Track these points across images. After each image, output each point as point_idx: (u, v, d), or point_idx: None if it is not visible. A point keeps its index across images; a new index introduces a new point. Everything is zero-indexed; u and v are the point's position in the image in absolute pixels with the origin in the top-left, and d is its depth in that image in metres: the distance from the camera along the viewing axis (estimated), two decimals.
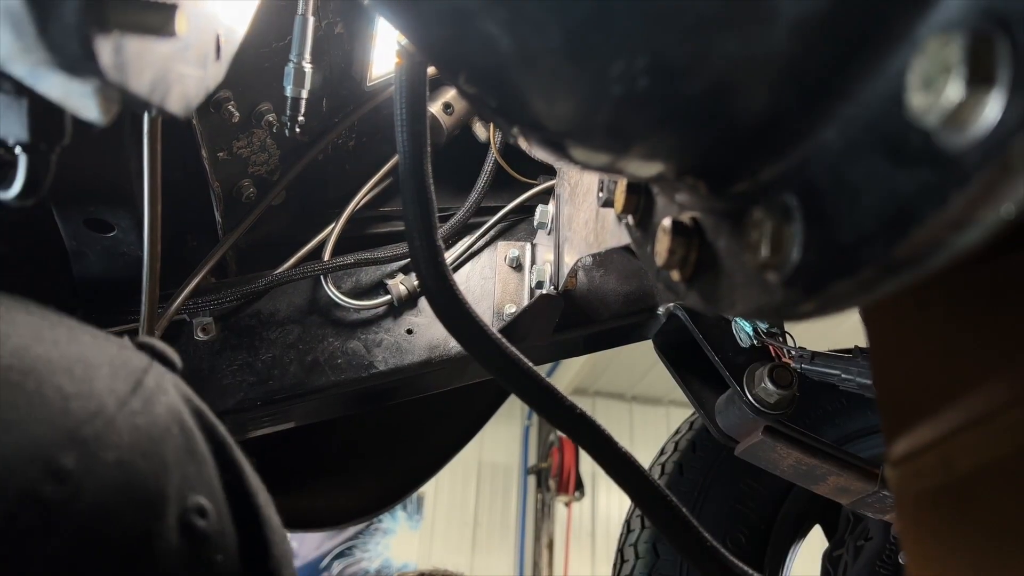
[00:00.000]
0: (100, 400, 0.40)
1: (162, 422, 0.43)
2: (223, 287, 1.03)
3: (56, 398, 0.39)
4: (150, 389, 0.44)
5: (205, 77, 0.45)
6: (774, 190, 0.35)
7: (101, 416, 0.40)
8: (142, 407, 0.42)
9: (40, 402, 0.38)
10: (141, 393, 0.43)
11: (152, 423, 0.42)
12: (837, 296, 0.31)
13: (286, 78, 0.92)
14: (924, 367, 0.35)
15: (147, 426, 0.42)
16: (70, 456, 0.37)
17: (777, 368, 0.93)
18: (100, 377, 0.42)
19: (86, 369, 0.42)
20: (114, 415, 0.40)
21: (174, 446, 0.43)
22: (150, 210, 0.72)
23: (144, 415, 0.42)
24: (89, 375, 0.41)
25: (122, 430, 0.40)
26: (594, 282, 1.11)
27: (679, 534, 0.67)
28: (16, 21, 0.29)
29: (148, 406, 0.43)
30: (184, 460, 0.43)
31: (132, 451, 0.40)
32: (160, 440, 0.42)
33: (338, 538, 5.50)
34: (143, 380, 0.44)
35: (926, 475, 0.34)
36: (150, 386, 0.44)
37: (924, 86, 0.25)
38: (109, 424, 0.40)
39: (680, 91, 0.31)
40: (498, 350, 0.66)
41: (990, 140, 0.23)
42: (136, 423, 0.41)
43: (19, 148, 0.44)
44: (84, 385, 0.40)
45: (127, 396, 0.42)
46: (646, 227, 0.54)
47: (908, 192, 0.27)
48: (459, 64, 0.39)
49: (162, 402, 0.44)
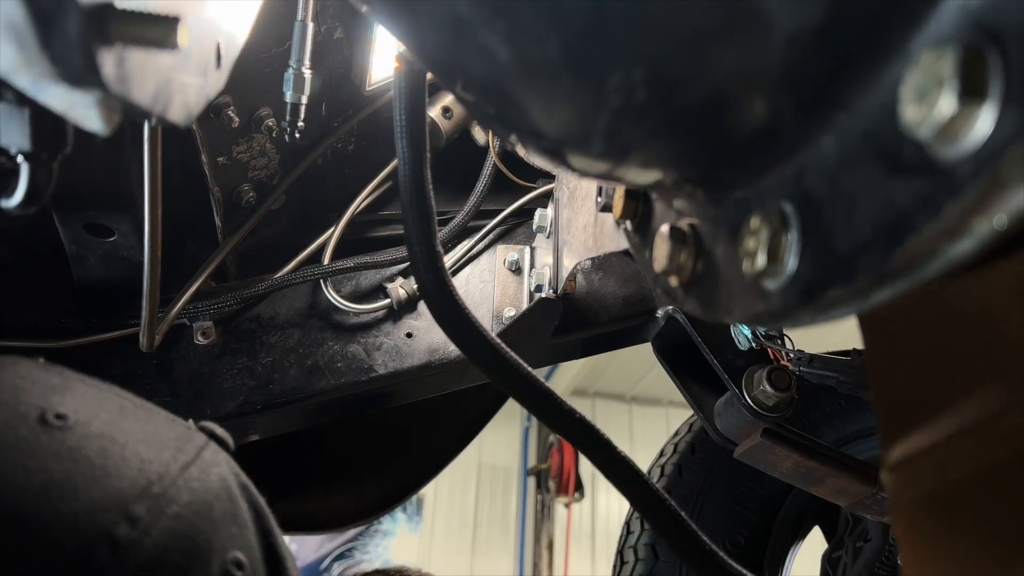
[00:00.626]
0: (167, 466, 0.51)
1: (214, 488, 0.53)
2: (223, 291, 1.04)
3: (135, 462, 0.50)
4: (207, 462, 0.55)
5: (206, 85, 0.46)
6: (771, 198, 0.35)
7: (168, 478, 0.50)
8: (199, 475, 0.53)
9: (123, 463, 0.50)
10: (199, 464, 0.54)
11: (206, 488, 0.52)
12: (833, 304, 0.32)
13: (286, 84, 0.92)
14: (919, 373, 0.36)
15: (202, 491, 0.52)
16: (142, 506, 0.48)
17: (775, 371, 0.94)
18: (168, 449, 0.53)
19: (158, 442, 0.53)
20: (176, 479, 0.51)
21: (221, 509, 0.53)
22: (150, 215, 0.72)
23: (200, 481, 0.53)
24: (160, 447, 0.53)
25: (182, 491, 0.51)
26: (593, 285, 1.11)
27: (678, 539, 0.67)
28: (19, 35, 0.30)
29: (204, 475, 0.53)
30: (229, 521, 0.53)
31: (189, 508, 0.50)
32: (211, 503, 0.52)
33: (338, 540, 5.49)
34: (202, 454, 0.55)
35: (921, 480, 0.34)
36: (207, 459, 0.55)
37: (918, 99, 0.25)
38: (173, 485, 0.50)
39: (677, 102, 0.31)
40: (497, 355, 0.66)
41: (983, 152, 0.24)
42: (193, 487, 0.52)
43: (21, 157, 0.45)
44: (155, 453, 0.52)
45: (188, 466, 0.53)
46: (644, 233, 0.54)
47: (903, 202, 0.27)
48: (456, 72, 0.39)
49: (215, 473, 0.55)
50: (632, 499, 0.69)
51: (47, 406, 0.51)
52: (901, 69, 0.26)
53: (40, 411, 0.50)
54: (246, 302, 1.05)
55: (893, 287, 0.29)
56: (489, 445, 6.16)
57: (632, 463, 0.69)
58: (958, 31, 0.24)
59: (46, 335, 0.97)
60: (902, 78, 0.26)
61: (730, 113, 0.32)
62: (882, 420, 0.37)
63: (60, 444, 0.49)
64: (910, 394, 0.36)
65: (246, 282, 1.06)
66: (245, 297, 1.03)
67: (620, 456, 0.68)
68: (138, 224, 0.87)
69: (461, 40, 0.36)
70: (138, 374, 1.00)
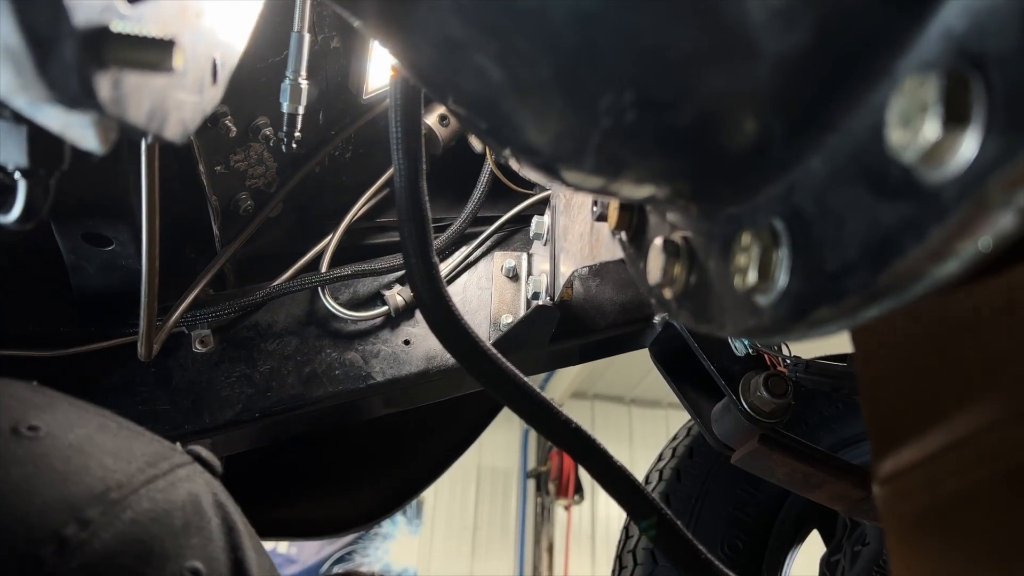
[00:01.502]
0: (132, 477, 0.54)
1: (178, 501, 0.55)
2: (221, 299, 1.04)
3: (97, 470, 0.53)
4: (178, 477, 0.57)
5: (202, 101, 0.46)
6: (762, 214, 0.36)
7: (128, 487, 0.53)
8: (164, 487, 0.55)
9: (84, 471, 0.52)
10: (169, 479, 0.56)
11: (169, 500, 0.55)
12: (822, 321, 0.32)
13: (282, 94, 0.92)
14: (909, 388, 0.36)
15: (164, 501, 0.54)
16: (95, 510, 0.50)
17: (772, 377, 0.94)
18: (136, 462, 0.56)
19: (128, 456, 0.56)
20: (138, 488, 0.53)
21: (184, 520, 0.55)
22: (148, 227, 0.72)
23: (164, 493, 0.55)
24: (129, 460, 0.55)
25: (143, 500, 0.53)
26: (590, 292, 1.12)
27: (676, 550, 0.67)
28: (16, 59, 0.30)
29: (171, 488, 0.56)
30: (191, 532, 0.55)
31: (146, 515, 0.52)
32: (172, 513, 0.54)
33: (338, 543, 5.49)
34: (175, 471, 0.58)
35: (912, 495, 0.35)
36: (179, 475, 0.58)
37: (903, 124, 0.25)
38: (134, 494, 0.53)
39: (668, 123, 0.31)
40: (494, 366, 0.66)
41: (967, 176, 0.24)
42: (155, 497, 0.54)
43: (18, 173, 0.45)
44: (122, 465, 0.54)
45: (155, 479, 0.55)
46: (639, 244, 0.54)
47: (890, 223, 0.27)
48: (448, 89, 0.39)
49: (184, 488, 0.57)
50: (630, 510, 0.69)
51: (22, 419, 0.53)
52: (887, 92, 0.26)
53: (15, 423, 0.53)
54: (244, 310, 1.05)
55: (881, 306, 0.29)
56: (489, 448, 6.16)
57: (629, 473, 0.69)
58: (942, 56, 0.25)
59: (44, 344, 0.97)
60: (888, 102, 0.26)
61: (720, 133, 0.32)
62: (873, 434, 0.38)
63: (27, 451, 0.51)
64: (900, 408, 0.36)
65: (244, 290, 1.07)
66: (243, 305, 1.04)
67: (617, 466, 0.68)
68: (136, 233, 0.88)
69: (454, 60, 0.36)
70: (136, 382, 1.00)
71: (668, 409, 6.60)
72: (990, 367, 0.32)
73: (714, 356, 1.00)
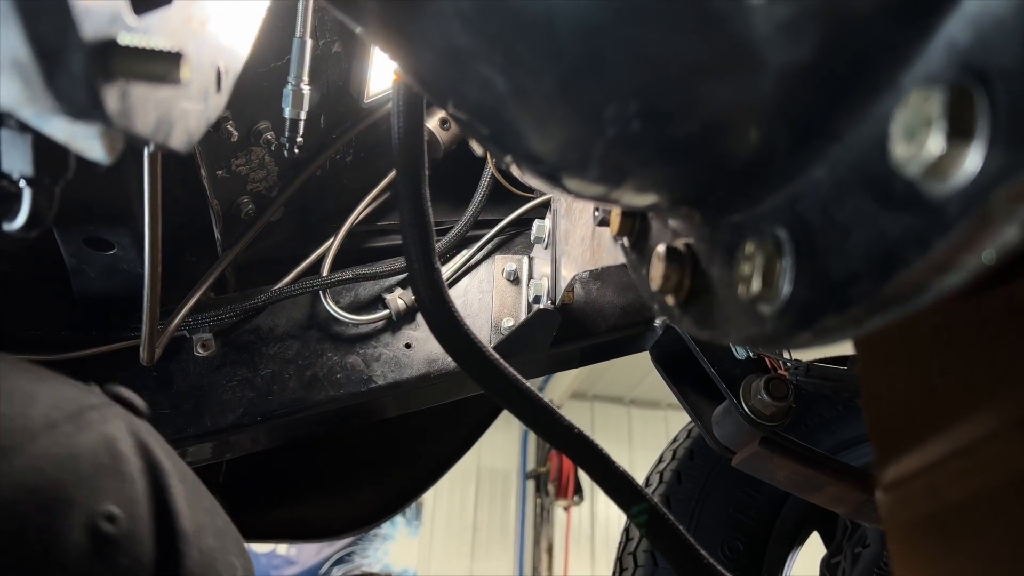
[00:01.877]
0: (29, 421, 0.50)
1: (87, 444, 0.52)
2: (223, 303, 1.04)
3: None
4: (88, 421, 0.54)
5: (207, 109, 0.46)
6: (766, 223, 0.36)
7: (24, 432, 0.49)
8: (71, 431, 0.52)
9: None
10: (77, 423, 0.53)
11: (75, 443, 0.51)
12: (828, 330, 0.32)
13: (284, 100, 0.92)
14: (912, 396, 0.36)
15: (68, 445, 0.51)
16: None
17: (773, 380, 0.94)
18: (38, 407, 0.52)
19: (28, 400, 0.52)
20: (37, 433, 0.50)
21: (93, 463, 0.51)
22: (150, 232, 0.73)
23: (69, 436, 0.51)
24: (28, 404, 0.51)
25: (41, 445, 0.49)
26: (591, 295, 1.12)
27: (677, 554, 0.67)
28: (24, 72, 0.30)
29: (78, 431, 0.52)
30: (102, 475, 0.51)
31: (45, 460, 0.49)
32: (77, 457, 0.51)
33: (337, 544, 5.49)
34: (85, 415, 0.54)
35: (915, 502, 0.35)
36: (90, 419, 0.54)
37: (907, 137, 0.25)
38: (31, 439, 0.49)
39: (672, 133, 0.31)
40: (496, 372, 0.66)
41: (971, 190, 0.24)
42: (58, 440, 0.50)
43: (24, 181, 0.45)
44: (20, 409, 0.51)
45: (59, 422, 0.52)
46: (641, 250, 0.54)
47: (894, 235, 0.27)
48: (449, 95, 0.39)
49: (96, 431, 0.53)
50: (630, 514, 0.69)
51: None
52: (891, 105, 0.27)
53: None
54: (245, 314, 1.05)
55: (886, 316, 0.29)
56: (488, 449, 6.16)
57: (630, 477, 0.70)
58: (946, 70, 0.25)
59: (46, 348, 0.97)
60: (892, 116, 0.26)
61: (724, 143, 0.32)
62: (875, 441, 0.38)
63: None
64: (903, 415, 0.37)
65: (245, 294, 1.07)
66: (244, 309, 1.04)
67: (618, 471, 0.68)
68: (138, 237, 0.88)
69: (456, 68, 0.37)
70: (138, 386, 1.00)
71: (667, 410, 6.60)
72: (992, 377, 0.32)
73: (715, 359, 1.00)
